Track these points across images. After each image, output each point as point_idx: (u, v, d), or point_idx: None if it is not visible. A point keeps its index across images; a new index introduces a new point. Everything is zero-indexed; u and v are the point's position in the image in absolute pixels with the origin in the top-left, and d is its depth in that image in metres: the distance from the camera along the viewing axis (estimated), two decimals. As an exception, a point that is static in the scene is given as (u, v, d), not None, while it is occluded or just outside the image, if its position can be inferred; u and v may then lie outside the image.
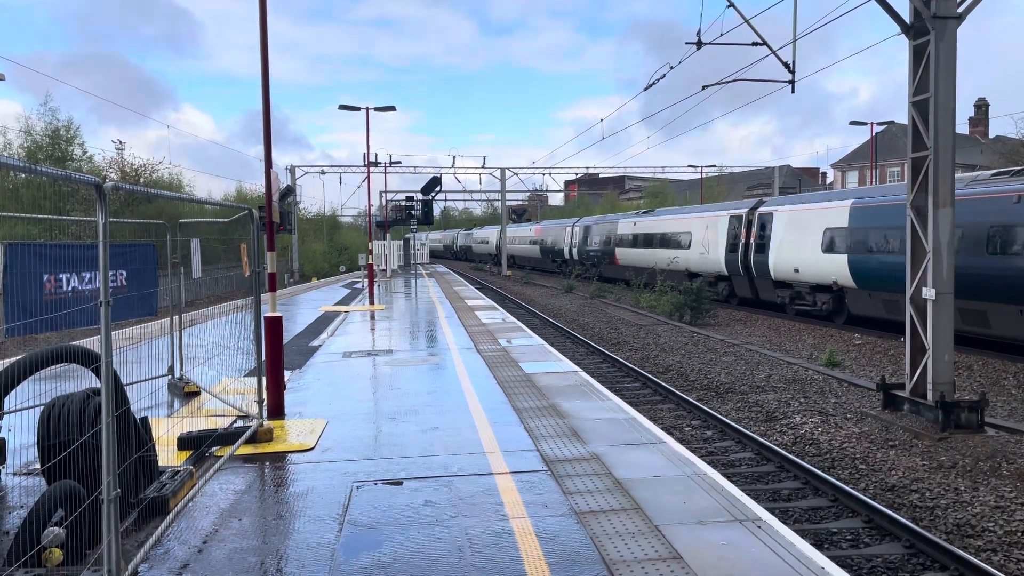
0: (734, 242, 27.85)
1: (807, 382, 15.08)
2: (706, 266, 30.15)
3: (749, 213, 27.28)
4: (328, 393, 10.61)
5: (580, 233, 48.78)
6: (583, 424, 8.58)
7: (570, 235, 51.21)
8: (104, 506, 4.22)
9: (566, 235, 52.01)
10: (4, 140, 37.12)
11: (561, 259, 53.43)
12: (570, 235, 51.21)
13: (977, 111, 65.72)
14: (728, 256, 28.31)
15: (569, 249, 51.07)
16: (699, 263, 30.65)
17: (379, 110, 29.83)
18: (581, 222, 49.95)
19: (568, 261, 51.68)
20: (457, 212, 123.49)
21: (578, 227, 49.73)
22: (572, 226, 51.40)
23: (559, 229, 54.76)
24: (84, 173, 4.47)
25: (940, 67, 10.99)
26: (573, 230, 50.71)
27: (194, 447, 7.55)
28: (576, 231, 49.88)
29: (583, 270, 47.51)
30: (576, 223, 50.91)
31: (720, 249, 28.82)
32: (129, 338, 9.36)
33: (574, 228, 50.56)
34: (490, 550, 5.19)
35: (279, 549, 5.27)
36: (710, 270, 29.92)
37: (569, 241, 51.01)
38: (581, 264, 48.26)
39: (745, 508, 5.94)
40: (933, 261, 11.12)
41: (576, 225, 50.53)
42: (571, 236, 50.81)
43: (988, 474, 9.14)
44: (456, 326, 18.43)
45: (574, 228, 50.56)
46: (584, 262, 47.66)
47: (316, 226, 70.00)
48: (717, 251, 29.05)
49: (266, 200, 9.60)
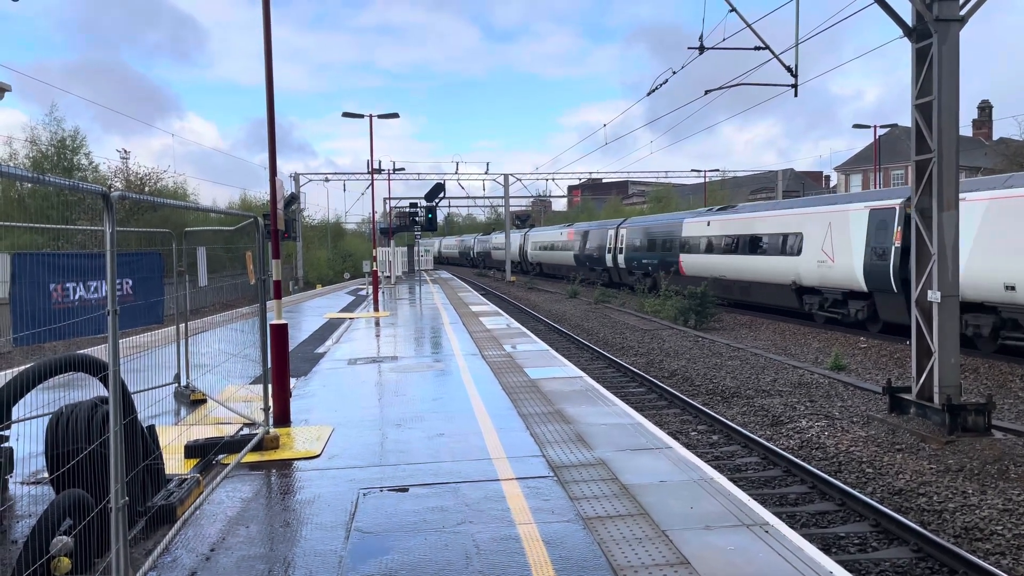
0: (878, 246, 20.42)
1: (813, 386, 15.05)
2: (830, 279, 22.29)
3: (906, 204, 19.22)
4: (334, 400, 10.62)
5: (628, 237, 40.58)
6: (589, 429, 8.58)
7: (614, 239, 42.67)
8: (112, 514, 4.24)
9: (608, 239, 43.54)
10: (10, 151, 37.33)
11: (602, 267, 45.09)
12: (614, 239, 42.67)
13: (981, 113, 65.63)
14: (871, 265, 20.62)
15: (613, 256, 42.73)
16: (817, 275, 22.89)
17: (382, 117, 29.90)
18: (630, 223, 41.67)
19: (611, 270, 43.50)
20: (461, 218, 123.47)
21: (625, 229, 41.36)
22: (617, 228, 42.69)
23: (599, 232, 46.12)
24: (90, 183, 4.49)
25: (943, 70, 10.99)
26: (618, 233, 42.18)
27: (201, 455, 7.57)
28: (622, 234, 41.54)
29: (633, 281, 39.43)
30: (622, 224, 42.53)
31: (854, 256, 21.35)
32: (136, 346, 9.39)
33: (619, 231, 42.14)
34: (497, 556, 5.18)
35: (286, 557, 5.27)
36: (836, 284, 22.31)
37: (612, 245, 42.72)
38: (630, 273, 40.27)
39: (752, 513, 5.93)
40: (938, 264, 11.10)
41: (623, 227, 42.06)
42: (615, 240, 42.41)
43: (996, 477, 9.11)
44: (461, 332, 18.44)
45: (619, 231, 42.14)
46: (633, 271, 39.40)
47: (320, 233, 70.14)
48: (849, 258, 21.58)
49: (271, 208, 9.62)
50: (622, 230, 41.88)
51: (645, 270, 37.77)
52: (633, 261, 39.47)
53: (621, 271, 41.90)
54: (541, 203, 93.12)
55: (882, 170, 57.53)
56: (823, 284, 22.96)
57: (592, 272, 46.67)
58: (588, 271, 47.51)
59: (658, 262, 35.77)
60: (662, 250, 35.47)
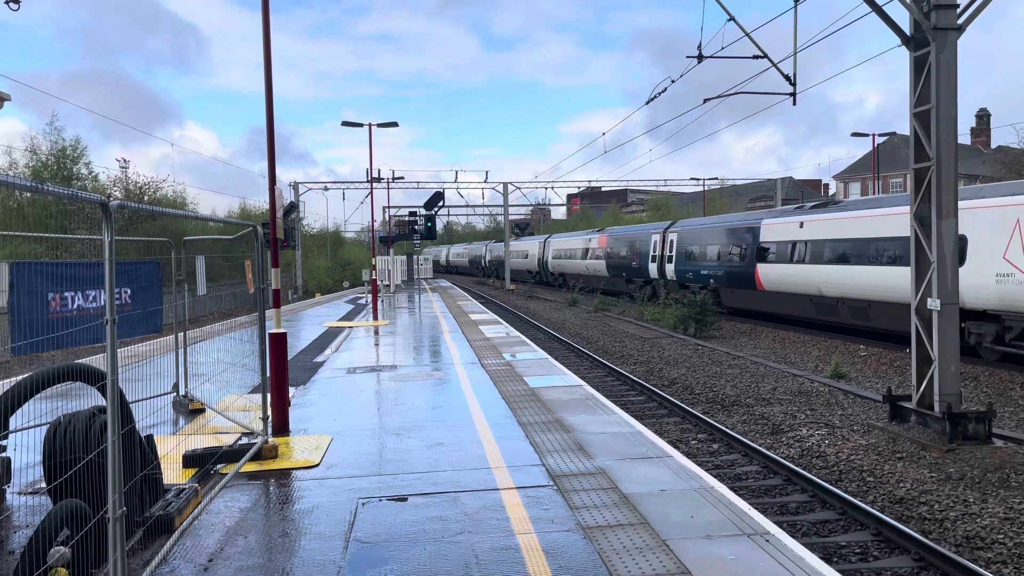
0: None
1: (813, 394, 15.02)
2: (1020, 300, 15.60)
3: None
4: (333, 409, 10.60)
5: (680, 243, 33.58)
6: (589, 438, 8.55)
7: (660, 245, 35.76)
8: (110, 525, 4.21)
9: (652, 245, 36.67)
10: (10, 160, 37.37)
11: (643, 279, 38.01)
12: (660, 245, 35.76)
13: (979, 121, 65.84)
14: None
15: (659, 266, 35.62)
16: (995, 294, 16.14)
17: (382, 126, 29.99)
18: (683, 226, 34.78)
19: (656, 283, 36.19)
20: (460, 227, 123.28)
21: (676, 234, 34.41)
22: (664, 232, 35.73)
23: (640, 237, 38.83)
24: (89, 192, 4.49)
25: (941, 78, 11.02)
26: (665, 238, 35.28)
27: (199, 465, 7.54)
28: (671, 240, 34.55)
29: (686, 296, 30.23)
30: (671, 227, 35.61)
31: None
32: (134, 356, 9.37)
33: (666, 236, 35.20)
34: (497, 566, 5.16)
35: (285, 567, 5.25)
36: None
37: (659, 253, 35.74)
38: (682, 287, 33.07)
39: (753, 522, 5.91)
40: (938, 271, 11.10)
41: (672, 231, 35.05)
42: (662, 246, 35.48)
43: (997, 485, 9.08)
44: (460, 341, 18.42)
45: (666, 236, 35.20)
46: (688, 284, 32.36)
47: (320, 242, 70.20)
48: None
49: (270, 216, 9.63)
50: (671, 235, 34.77)
51: (704, 283, 30.62)
52: (688, 273, 32.38)
53: (670, 284, 34.42)
54: (540, 211, 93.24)
55: (881, 178, 57.67)
56: (1006, 307, 15.97)
57: (630, 284, 39.04)
58: (625, 283, 40.03)
59: (724, 274, 28.93)
60: (730, 259, 28.38)
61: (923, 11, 11.12)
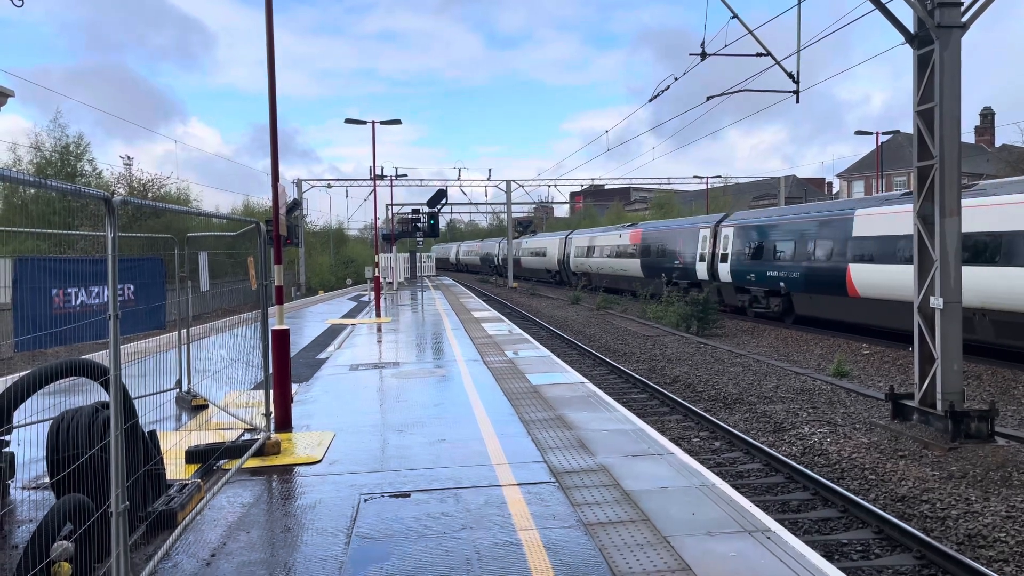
0: None
1: (815, 392, 15.02)
2: None
3: None
4: (335, 405, 10.62)
5: (738, 238, 28.54)
6: (590, 435, 8.56)
7: (711, 241, 30.77)
8: (113, 519, 4.23)
9: (701, 242, 31.59)
10: (14, 156, 37.44)
11: (688, 281, 32.59)
12: (711, 241, 30.77)
13: (983, 120, 65.64)
14: None
15: (710, 266, 30.64)
16: None
17: (385, 124, 30.01)
18: (741, 219, 29.70)
19: (706, 285, 30.46)
20: (463, 224, 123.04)
21: (732, 228, 29.24)
22: (716, 227, 30.73)
23: (685, 233, 33.73)
24: (93, 188, 4.50)
25: (945, 76, 11.00)
26: (718, 233, 30.33)
27: (202, 460, 7.56)
28: (726, 235, 29.51)
29: (747, 302, 27.94)
30: (726, 220, 30.51)
31: None
32: (137, 352, 9.40)
33: (719, 230, 30.26)
34: (498, 562, 5.17)
35: (287, 562, 5.26)
36: None
37: (710, 251, 30.78)
38: (740, 291, 28.55)
39: (754, 519, 5.91)
40: (940, 270, 11.09)
41: (727, 224, 30.00)
42: (713, 243, 30.59)
43: (999, 484, 9.08)
44: (463, 338, 18.44)
45: (719, 230, 30.26)
46: (749, 288, 27.83)
47: (323, 239, 70.28)
48: None
49: (273, 213, 9.64)
50: (725, 229, 29.63)
51: (771, 286, 26.05)
52: (749, 274, 27.45)
53: (724, 287, 29.52)
54: (543, 209, 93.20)
55: (884, 177, 57.55)
56: None
57: (672, 287, 32.56)
58: (665, 286, 33.62)
59: (800, 276, 24.17)
60: (809, 258, 23.77)
61: (927, 9, 11.10)
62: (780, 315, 25.79)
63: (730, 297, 29.27)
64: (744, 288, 28.22)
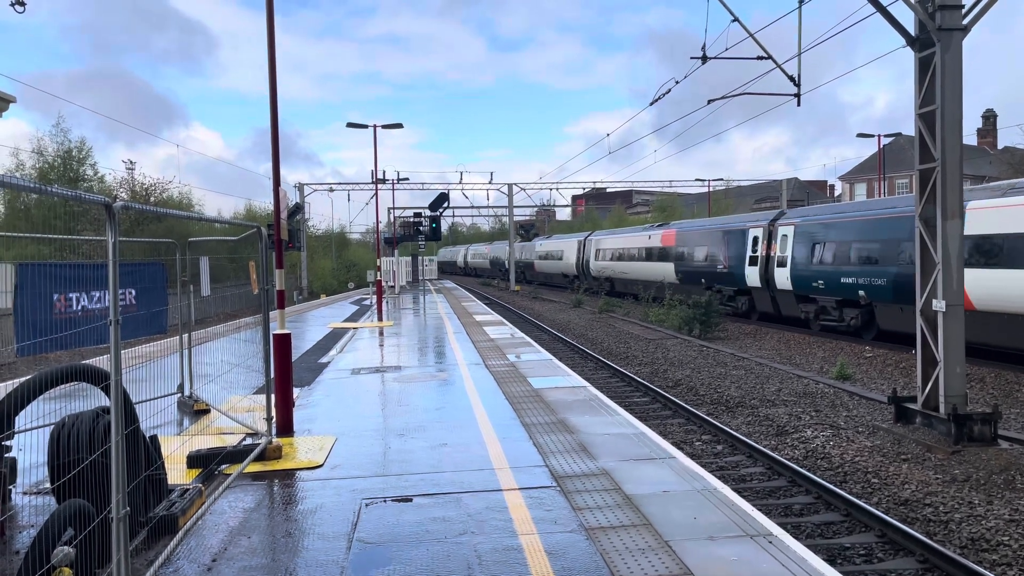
0: None
1: (818, 395, 14.99)
2: None
3: None
4: (337, 410, 10.61)
5: (800, 239, 24.02)
6: (592, 439, 8.55)
7: (764, 243, 26.22)
8: (114, 525, 4.23)
9: (751, 243, 27.14)
10: (17, 161, 37.52)
11: (735, 288, 28.59)
12: (764, 243, 26.22)
13: (985, 122, 65.61)
14: None
15: (764, 271, 26.09)
16: None
17: (386, 127, 30.06)
18: (803, 215, 25.09)
19: (758, 294, 27.09)
20: (465, 228, 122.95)
21: (790, 226, 24.74)
22: (770, 225, 26.17)
23: (729, 232, 29.19)
24: (95, 193, 4.51)
25: (946, 79, 10.99)
26: (774, 233, 25.65)
27: (203, 465, 7.56)
28: (785, 236, 24.90)
29: (813, 313, 23.75)
30: (782, 219, 25.83)
31: None
32: (139, 357, 9.40)
33: (775, 229, 25.62)
34: (499, 567, 5.16)
35: (288, 567, 5.26)
36: None
37: (763, 253, 26.21)
38: (803, 300, 24.15)
39: (756, 523, 5.90)
40: (943, 273, 11.07)
41: (785, 223, 25.26)
42: (767, 245, 26.06)
43: (1002, 487, 9.05)
44: (464, 342, 18.43)
45: (775, 229, 25.62)
46: (814, 296, 23.40)
47: (325, 243, 70.31)
48: None
49: (275, 218, 9.65)
50: (784, 228, 25.07)
51: (847, 295, 21.78)
52: (816, 280, 22.90)
53: (782, 296, 25.31)
54: (545, 212, 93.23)
55: (886, 179, 57.49)
56: None
57: (715, 294, 29.12)
58: (704, 292, 29.70)
59: (889, 284, 19.72)
60: (902, 262, 19.15)
61: (928, 12, 11.10)
62: (857, 329, 21.72)
63: (789, 307, 25.15)
64: (808, 297, 23.84)
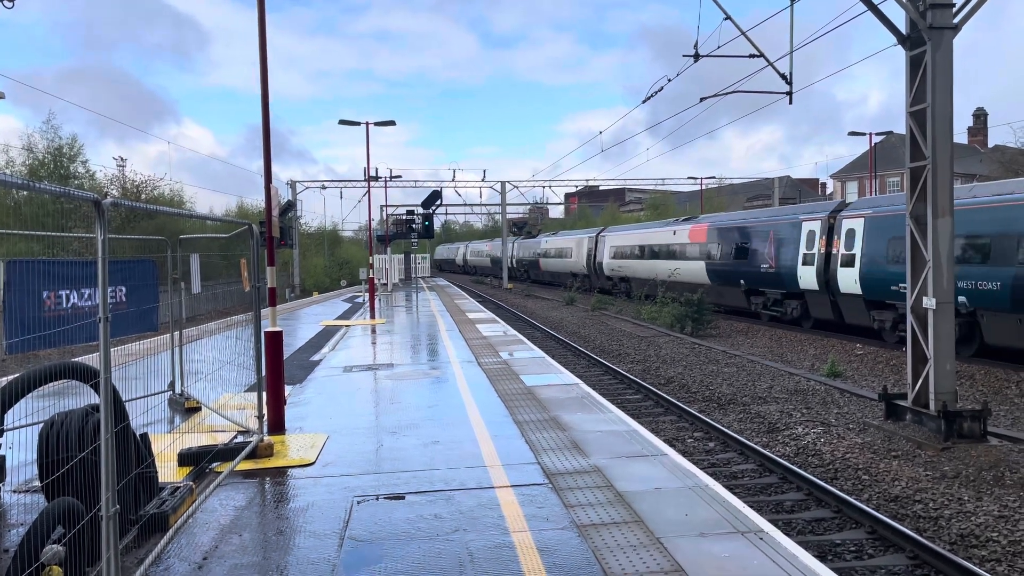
0: None
1: (809, 393, 15.04)
2: None
3: None
4: (329, 407, 10.59)
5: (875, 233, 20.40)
6: (584, 437, 8.56)
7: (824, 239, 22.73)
8: (103, 523, 4.21)
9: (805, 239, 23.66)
10: (7, 158, 37.29)
11: (782, 291, 25.07)
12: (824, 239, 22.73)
13: (976, 121, 65.90)
14: None
15: (822, 270, 22.52)
16: None
17: (379, 125, 29.95)
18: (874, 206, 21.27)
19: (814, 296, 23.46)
20: (458, 226, 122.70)
21: (859, 219, 21.18)
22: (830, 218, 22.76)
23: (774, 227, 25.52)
24: (85, 190, 4.48)
25: (937, 77, 11.03)
26: (836, 227, 22.30)
27: (194, 463, 7.53)
28: (851, 230, 21.42)
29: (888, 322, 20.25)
30: (846, 211, 22.17)
31: None
32: (129, 354, 9.36)
33: (838, 222, 22.21)
34: (491, 564, 5.16)
35: (280, 565, 5.25)
36: None
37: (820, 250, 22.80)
38: (874, 305, 20.74)
39: (747, 520, 5.92)
40: (933, 270, 11.12)
41: (850, 215, 21.72)
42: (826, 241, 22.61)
43: (991, 484, 9.10)
44: (457, 339, 18.42)
45: (838, 222, 22.21)
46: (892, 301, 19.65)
47: (317, 240, 70.16)
48: None
49: (266, 215, 9.62)
50: (850, 222, 21.54)
51: None
52: (895, 284, 18.75)
53: (847, 300, 21.70)
54: (538, 210, 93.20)
55: (878, 177, 57.72)
56: None
57: (755, 297, 26.74)
58: (744, 295, 27.37)
59: (1004, 289, 16.07)
60: (1020, 260, 15.79)
61: (919, 10, 11.13)
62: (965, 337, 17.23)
63: (856, 315, 21.47)
64: (883, 303, 20.30)
